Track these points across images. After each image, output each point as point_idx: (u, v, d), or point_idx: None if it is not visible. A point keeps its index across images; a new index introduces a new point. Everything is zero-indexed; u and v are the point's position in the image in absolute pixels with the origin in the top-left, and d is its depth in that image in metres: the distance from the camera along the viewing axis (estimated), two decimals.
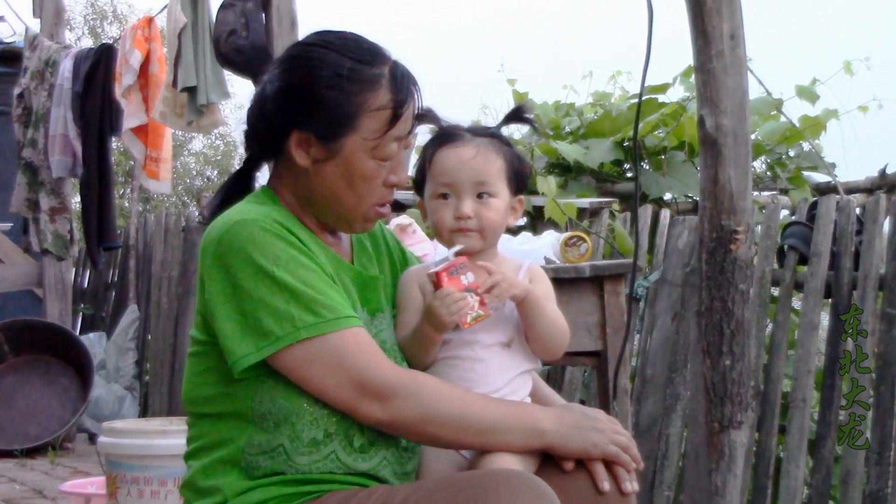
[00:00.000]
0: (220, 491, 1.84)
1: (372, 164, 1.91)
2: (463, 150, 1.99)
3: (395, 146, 1.92)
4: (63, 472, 5.52)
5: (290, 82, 1.91)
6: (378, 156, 1.91)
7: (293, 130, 1.91)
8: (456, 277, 1.91)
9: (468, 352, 1.97)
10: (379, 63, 1.91)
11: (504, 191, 2.01)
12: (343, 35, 1.95)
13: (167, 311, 6.85)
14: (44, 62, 6.57)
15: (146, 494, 3.33)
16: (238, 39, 4.84)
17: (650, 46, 2.76)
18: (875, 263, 3.96)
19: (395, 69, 1.92)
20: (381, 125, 1.89)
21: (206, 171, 21.09)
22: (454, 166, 1.99)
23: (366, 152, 1.90)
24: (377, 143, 1.90)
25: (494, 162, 1.99)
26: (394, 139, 1.91)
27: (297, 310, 1.80)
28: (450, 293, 1.88)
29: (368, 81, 1.89)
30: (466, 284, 1.91)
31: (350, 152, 1.90)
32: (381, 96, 1.89)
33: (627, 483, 1.91)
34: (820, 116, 5.72)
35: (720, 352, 2.69)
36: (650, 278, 4.40)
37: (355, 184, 1.92)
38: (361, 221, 1.98)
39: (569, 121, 6.17)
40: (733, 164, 2.64)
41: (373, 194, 1.94)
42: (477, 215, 1.98)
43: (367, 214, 1.96)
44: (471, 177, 1.98)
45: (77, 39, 18.03)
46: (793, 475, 3.98)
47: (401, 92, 1.90)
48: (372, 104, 1.89)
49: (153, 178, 6.22)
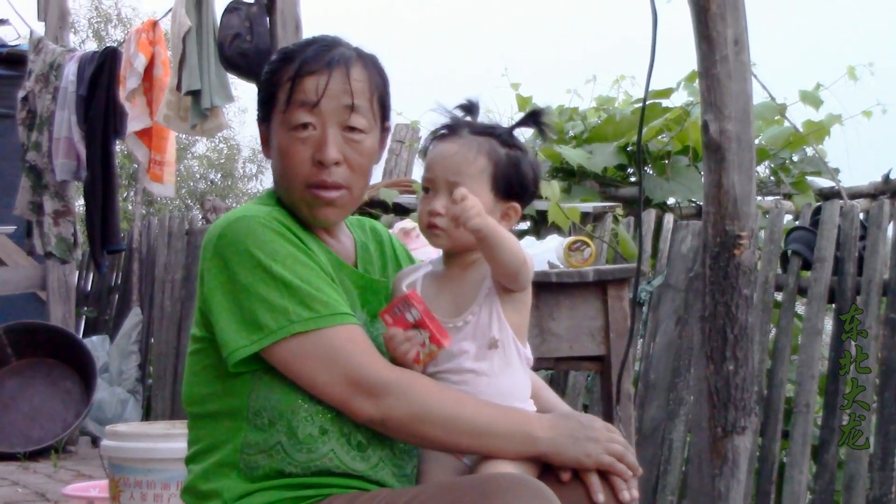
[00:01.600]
0: (220, 495, 1.84)
1: (287, 136, 1.91)
2: (448, 145, 1.96)
3: (303, 115, 1.89)
4: (66, 475, 5.52)
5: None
6: (288, 125, 1.90)
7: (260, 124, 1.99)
8: (400, 316, 1.87)
9: (456, 366, 1.93)
10: (311, 46, 1.94)
11: (483, 194, 1.93)
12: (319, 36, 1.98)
13: (170, 314, 6.86)
14: (48, 65, 6.58)
15: (149, 498, 3.33)
16: (242, 43, 4.85)
17: (654, 51, 2.75)
18: (879, 269, 3.96)
19: (322, 48, 1.92)
20: (286, 95, 1.91)
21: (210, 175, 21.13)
22: (434, 162, 1.96)
23: (282, 126, 1.92)
24: (285, 114, 1.91)
25: (475, 162, 1.93)
26: (300, 105, 1.89)
27: (293, 304, 1.80)
28: (392, 336, 1.87)
29: (287, 59, 1.93)
30: (413, 321, 1.87)
31: (275, 128, 1.94)
32: (290, 69, 1.91)
33: (625, 492, 1.89)
34: (824, 121, 5.72)
35: (724, 357, 2.68)
36: (654, 283, 4.40)
37: (282, 161, 1.93)
38: (306, 207, 1.94)
39: (572, 125, 6.17)
40: (737, 169, 2.64)
41: (298, 171, 1.91)
42: (448, 213, 1.91)
43: (305, 198, 1.93)
44: (445, 175, 1.94)
45: (81, 43, 18.06)
46: (796, 480, 3.98)
47: (307, 61, 1.90)
48: (282, 77, 1.91)
49: (157, 182, 6.24)
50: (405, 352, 1.86)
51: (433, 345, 1.86)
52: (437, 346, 1.87)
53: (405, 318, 1.87)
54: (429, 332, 1.86)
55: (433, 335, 1.87)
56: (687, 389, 4.18)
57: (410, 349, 1.86)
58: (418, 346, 1.86)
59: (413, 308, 1.87)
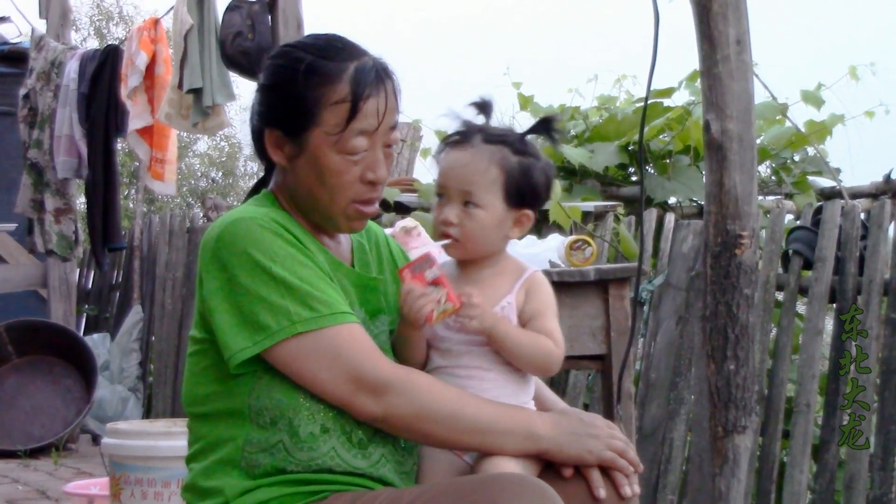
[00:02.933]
0: (222, 492, 1.84)
1: (338, 158, 1.89)
2: (460, 154, 1.97)
3: (362, 140, 1.89)
4: (66, 472, 5.52)
5: (262, 83, 1.95)
6: (343, 150, 1.89)
7: (265, 128, 1.94)
8: (420, 273, 1.89)
9: (464, 361, 1.96)
10: (344, 58, 1.90)
11: (495, 203, 1.96)
12: (322, 35, 1.96)
13: (171, 312, 6.86)
14: (50, 63, 6.58)
15: (150, 496, 3.33)
16: (244, 41, 4.85)
17: (656, 50, 2.75)
18: (880, 268, 3.96)
19: (362, 65, 1.90)
20: (341, 119, 1.87)
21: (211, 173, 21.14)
22: (447, 170, 1.98)
23: (329, 147, 1.89)
24: (339, 138, 1.88)
25: (487, 172, 1.95)
26: (358, 133, 1.89)
27: (294, 304, 1.80)
28: (409, 290, 1.88)
29: (327, 74, 1.88)
30: (431, 279, 1.89)
31: (315, 147, 1.90)
32: (339, 90, 1.88)
33: (626, 487, 1.91)
34: (825, 121, 5.72)
35: (724, 356, 2.68)
36: (655, 282, 4.40)
37: (325, 179, 1.91)
38: (345, 220, 1.96)
39: (574, 124, 6.16)
40: (739, 169, 2.64)
41: (347, 190, 1.92)
42: (460, 223, 1.95)
43: (347, 212, 1.94)
44: (458, 184, 1.96)
45: (83, 40, 18.07)
46: (796, 480, 3.98)
47: (360, 85, 1.88)
48: (330, 98, 1.88)
49: (158, 180, 6.24)
50: (421, 306, 1.86)
51: (449, 303, 1.88)
52: (452, 304, 1.88)
53: (424, 275, 1.89)
54: (446, 291, 1.88)
55: (450, 294, 1.88)
56: (688, 389, 4.19)
57: (426, 305, 1.86)
58: (434, 302, 1.87)
59: (433, 266, 1.90)
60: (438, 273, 1.89)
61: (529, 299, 1.99)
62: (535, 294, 2.01)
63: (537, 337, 1.95)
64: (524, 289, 2.00)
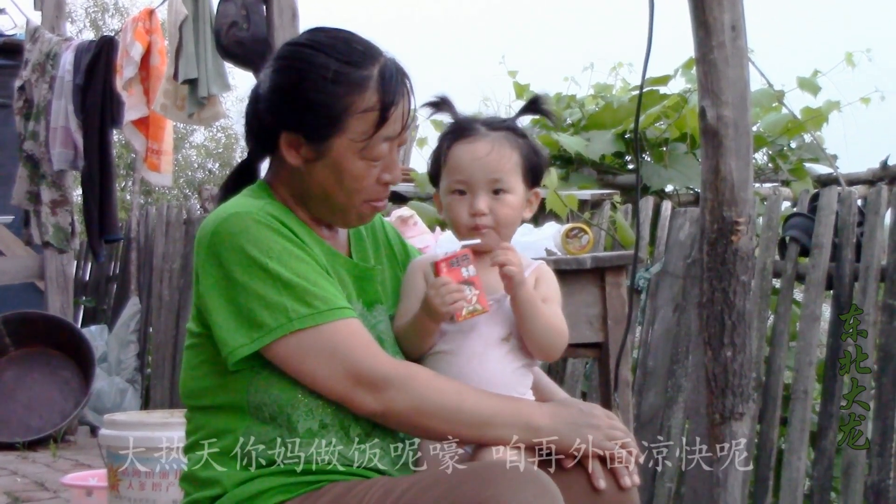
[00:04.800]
0: (220, 482, 1.85)
1: (361, 164, 1.90)
2: (478, 145, 1.99)
3: (385, 146, 1.91)
4: (65, 464, 5.53)
5: (279, 84, 1.92)
6: (367, 156, 1.90)
7: (283, 131, 1.92)
8: (457, 269, 1.90)
9: (465, 348, 1.96)
10: (368, 64, 1.90)
11: (519, 185, 2.01)
12: (335, 35, 1.94)
13: (169, 303, 6.86)
14: (45, 55, 6.57)
15: (147, 486, 3.33)
16: (239, 32, 4.83)
17: (651, 38, 2.75)
18: (877, 255, 3.95)
19: (385, 70, 1.90)
20: (368, 127, 1.88)
21: (208, 164, 21.10)
22: (469, 163, 1.99)
23: (355, 153, 1.89)
24: (366, 145, 1.89)
25: (510, 157, 1.99)
26: (383, 139, 1.90)
27: (291, 301, 1.80)
28: (445, 283, 1.88)
29: (355, 84, 1.88)
30: (466, 277, 1.90)
31: (339, 153, 1.89)
32: (367, 98, 1.88)
33: (626, 478, 1.92)
34: (822, 108, 5.71)
35: (721, 343, 2.68)
36: (651, 270, 4.40)
37: (346, 183, 1.92)
38: (356, 217, 1.98)
39: (570, 113, 6.16)
40: (734, 155, 2.63)
41: (365, 192, 1.94)
42: (492, 211, 1.98)
43: (360, 211, 1.97)
44: (486, 174, 1.98)
45: (78, 32, 18.02)
46: (794, 467, 3.98)
47: (388, 94, 1.89)
48: (359, 106, 1.88)
49: (154, 171, 6.23)
50: (453, 301, 1.87)
51: (479, 304, 1.89)
52: (482, 307, 1.89)
53: (460, 272, 1.90)
54: (478, 292, 1.89)
55: (482, 295, 1.90)
56: (685, 376, 4.19)
57: (458, 301, 1.88)
58: (465, 300, 1.88)
59: (470, 265, 1.91)
60: (475, 272, 1.90)
61: (539, 286, 2.01)
62: (544, 282, 2.04)
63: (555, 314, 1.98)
64: (534, 276, 2.02)
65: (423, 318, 1.93)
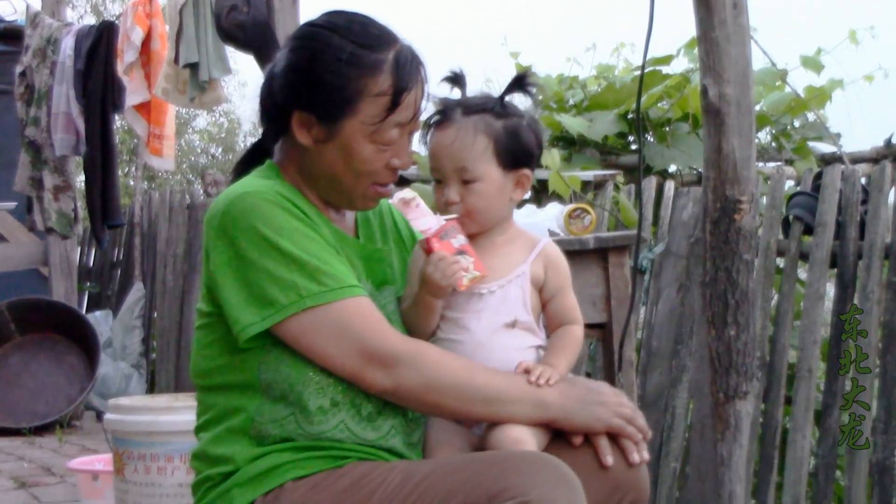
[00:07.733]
0: (232, 459, 1.86)
1: (371, 147, 1.91)
2: (444, 134, 1.98)
3: (396, 132, 1.91)
4: (71, 449, 5.54)
5: (294, 63, 1.92)
6: (378, 140, 1.90)
7: (295, 110, 1.92)
8: (447, 241, 1.91)
9: (471, 336, 1.96)
10: (383, 48, 1.90)
11: (491, 171, 1.97)
12: (352, 17, 1.94)
13: (173, 288, 6.86)
14: (45, 40, 6.55)
15: (153, 471, 3.34)
16: (239, 15, 4.81)
17: (652, 17, 2.74)
18: (881, 233, 3.94)
19: (400, 55, 1.91)
20: (380, 111, 1.89)
21: (211, 149, 21.08)
22: (437, 153, 1.99)
23: (365, 136, 1.90)
24: (377, 129, 1.89)
25: (474, 144, 1.96)
26: (394, 125, 1.91)
27: (302, 279, 1.81)
28: (442, 257, 1.89)
29: (369, 67, 1.88)
30: (458, 247, 1.91)
31: (349, 135, 1.90)
32: (381, 82, 1.88)
33: (635, 454, 1.93)
34: (825, 86, 5.70)
35: (725, 322, 2.68)
36: (655, 250, 4.39)
37: (354, 166, 1.92)
38: (362, 200, 1.99)
39: (572, 93, 6.15)
40: (737, 134, 2.63)
41: (373, 176, 1.94)
42: (463, 201, 1.97)
43: (366, 193, 1.97)
44: (451, 164, 1.97)
45: (79, 18, 17.96)
46: (799, 445, 3.98)
47: (401, 79, 1.89)
48: (372, 89, 1.88)
49: (157, 155, 6.22)
50: (453, 272, 1.88)
51: (476, 271, 1.90)
52: (479, 272, 1.90)
53: (451, 243, 1.91)
54: (472, 259, 1.91)
55: (477, 261, 1.91)
56: (689, 356, 4.18)
57: (458, 271, 1.88)
58: (463, 269, 1.89)
59: (459, 234, 1.92)
60: (465, 241, 1.92)
61: (550, 274, 2.02)
62: (555, 268, 2.04)
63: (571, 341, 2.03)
64: (541, 262, 2.02)
65: (424, 297, 1.94)
